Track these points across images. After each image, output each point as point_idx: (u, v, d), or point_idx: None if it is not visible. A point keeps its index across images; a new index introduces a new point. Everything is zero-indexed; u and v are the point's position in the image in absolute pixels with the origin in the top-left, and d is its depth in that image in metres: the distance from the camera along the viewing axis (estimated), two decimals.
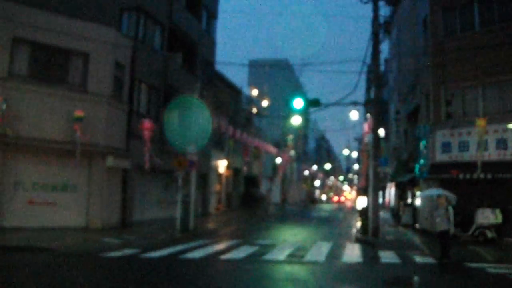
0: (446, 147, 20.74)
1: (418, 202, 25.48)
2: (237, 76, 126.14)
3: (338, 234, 23.35)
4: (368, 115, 24.71)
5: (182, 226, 20.54)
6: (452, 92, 21.68)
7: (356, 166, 67.21)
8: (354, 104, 24.92)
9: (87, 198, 20.50)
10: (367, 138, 24.39)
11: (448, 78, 21.65)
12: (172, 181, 22.29)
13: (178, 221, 20.57)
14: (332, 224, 31.00)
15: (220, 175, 37.69)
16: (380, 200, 28.11)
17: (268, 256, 13.91)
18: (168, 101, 26.69)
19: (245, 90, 67.43)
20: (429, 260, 14.27)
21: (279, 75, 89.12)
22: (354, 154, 64.96)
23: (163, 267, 12.19)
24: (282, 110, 47.01)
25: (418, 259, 14.44)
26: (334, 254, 15.10)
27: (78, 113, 19.39)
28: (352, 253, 15.61)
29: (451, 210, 13.74)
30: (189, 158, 21.23)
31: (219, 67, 39.42)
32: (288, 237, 20.19)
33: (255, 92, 73.12)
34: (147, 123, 21.30)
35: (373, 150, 20.65)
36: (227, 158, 37.62)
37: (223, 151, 37.28)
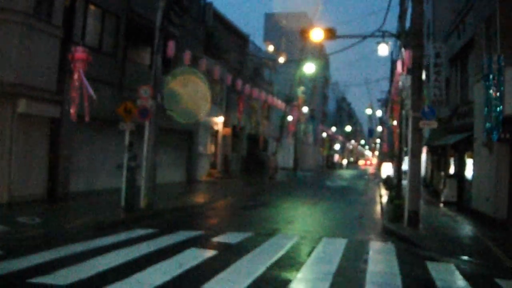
0: None
1: (469, 173, 18.60)
2: (252, 31, 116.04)
3: (357, 218, 16.47)
4: (403, 50, 17.52)
5: (127, 203, 14.06)
6: None
7: (379, 128, 59.84)
8: (383, 35, 17.98)
9: None
10: (402, 81, 17.34)
11: None
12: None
13: (123, 196, 14.11)
14: (351, 198, 24.07)
15: (215, 133, 30.95)
16: (404, 168, 21.15)
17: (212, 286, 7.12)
18: (132, 33, 20.09)
19: (260, 44, 60.57)
20: None
21: (296, 29, 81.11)
22: (379, 113, 57.39)
23: None
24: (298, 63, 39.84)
25: None
26: (349, 272, 8.28)
27: None
28: (381, 269, 8.80)
29: None
30: (140, 104, 14.63)
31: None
32: (282, 226, 13.37)
33: (271, 48, 66.27)
34: (80, 52, 14.39)
35: (413, 96, 13.70)
36: (224, 114, 30.79)
37: (220, 105, 30.46)
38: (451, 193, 20.37)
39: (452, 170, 22.49)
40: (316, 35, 17.48)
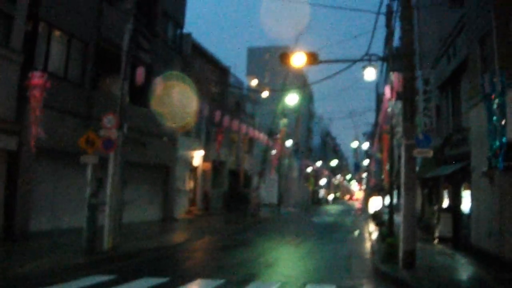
0: None
1: (466, 206, 17.28)
2: (236, 66, 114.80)
3: (345, 258, 14.91)
4: (392, 74, 16.38)
5: (88, 244, 12.48)
6: None
7: (366, 162, 58.72)
8: (370, 59, 16.74)
9: None
10: (391, 107, 16.10)
11: None
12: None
13: (84, 236, 12.55)
14: (338, 236, 22.55)
15: (194, 169, 29.48)
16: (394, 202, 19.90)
17: None
18: (101, 60, 18.76)
19: (243, 78, 59.70)
20: None
21: (279, 63, 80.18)
22: (365, 146, 56.35)
23: None
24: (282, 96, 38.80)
25: None
26: None
27: None
28: None
29: None
30: (104, 135, 13.20)
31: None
32: (261, 270, 11.83)
33: (254, 82, 65.43)
34: (37, 78, 13.04)
35: (405, 123, 12.41)
36: (203, 148, 29.37)
37: (198, 138, 29.11)
38: (446, 228, 18.96)
39: (446, 204, 21.16)
40: (298, 59, 16.20)
